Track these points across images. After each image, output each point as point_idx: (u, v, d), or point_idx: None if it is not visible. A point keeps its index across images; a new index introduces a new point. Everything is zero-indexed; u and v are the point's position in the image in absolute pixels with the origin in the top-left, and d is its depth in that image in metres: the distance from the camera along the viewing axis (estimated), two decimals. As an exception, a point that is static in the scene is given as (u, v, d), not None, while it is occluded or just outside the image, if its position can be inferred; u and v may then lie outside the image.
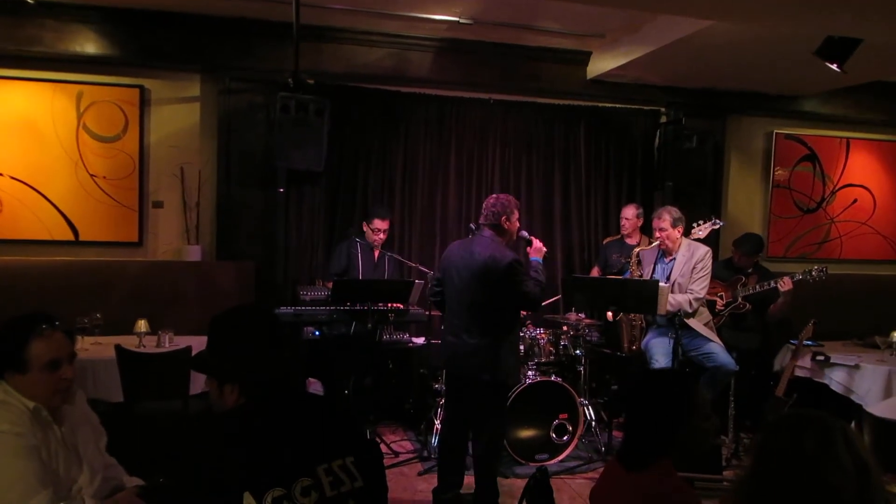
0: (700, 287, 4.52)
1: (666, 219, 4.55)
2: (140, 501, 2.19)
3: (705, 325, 4.66)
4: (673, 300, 4.43)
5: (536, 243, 3.93)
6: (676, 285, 4.51)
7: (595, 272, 5.74)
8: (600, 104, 6.17)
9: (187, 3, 5.01)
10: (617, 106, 6.21)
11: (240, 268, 5.42)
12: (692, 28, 4.54)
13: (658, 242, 4.66)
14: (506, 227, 3.81)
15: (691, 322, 4.54)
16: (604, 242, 5.95)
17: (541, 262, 3.87)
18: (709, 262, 4.57)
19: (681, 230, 4.61)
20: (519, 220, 3.94)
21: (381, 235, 5.15)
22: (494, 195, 3.94)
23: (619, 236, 5.75)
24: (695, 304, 4.51)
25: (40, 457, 1.96)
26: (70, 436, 2.12)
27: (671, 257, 4.60)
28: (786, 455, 1.46)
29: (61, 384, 2.08)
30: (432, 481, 4.12)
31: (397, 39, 5.50)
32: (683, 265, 4.53)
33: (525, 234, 3.99)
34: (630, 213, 5.59)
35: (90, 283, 5.07)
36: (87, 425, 2.25)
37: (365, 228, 5.22)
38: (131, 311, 4.67)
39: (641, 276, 4.74)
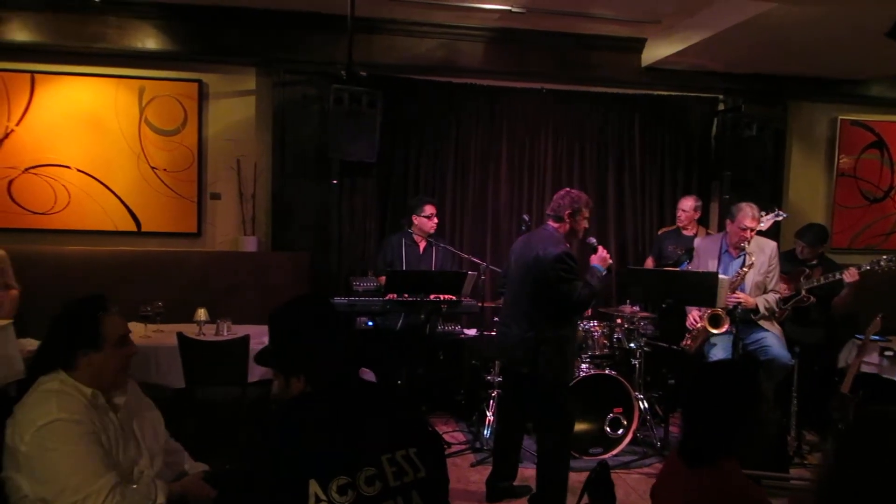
0: (778, 285, 4.51)
1: (757, 217, 4.41)
2: (206, 486, 2.23)
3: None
4: (766, 304, 4.41)
5: (602, 252, 3.79)
6: (754, 284, 4.40)
7: (649, 263, 5.63)
8: (655, 92, 6.04)
9: (244, -2, 5.11)
10: (673, 94, 6.07)
11: (294, 258, 5.51)
12: (753, 11, 4.39)
13: (726, 237, 4.55)
14: (569, 221, 3.71)
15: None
16: (659, 233, 5.83)
17: (602, 270, 3.72)
18: (778, 257, 4.50)
19: None
20: (588, 220, 3.81)
21: (435, 220, 5.14)
22: (567, 189, 3.87)
23: (675, 227, 5.62)
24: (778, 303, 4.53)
25: (100, 442, 1.98)
26: (127, 421, 2.15)
27: (739, 253, 4.46)
28: (871, 454, 1.39)
29: (128, 360, 2.13)
30: (485, 472, 4.12)
31: (449, 30, 5.49)
32: (758, 264, 4.41)
33: (593, 240, 3.87)
34: (688, 204, 5.46)
35: (152, 273, 5.23)
36: (143, 410, 2.28)
37: (416, 220, 5.19)
38: (190, 299, 4.78)
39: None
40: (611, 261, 3.83)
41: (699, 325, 4.46)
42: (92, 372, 2.05)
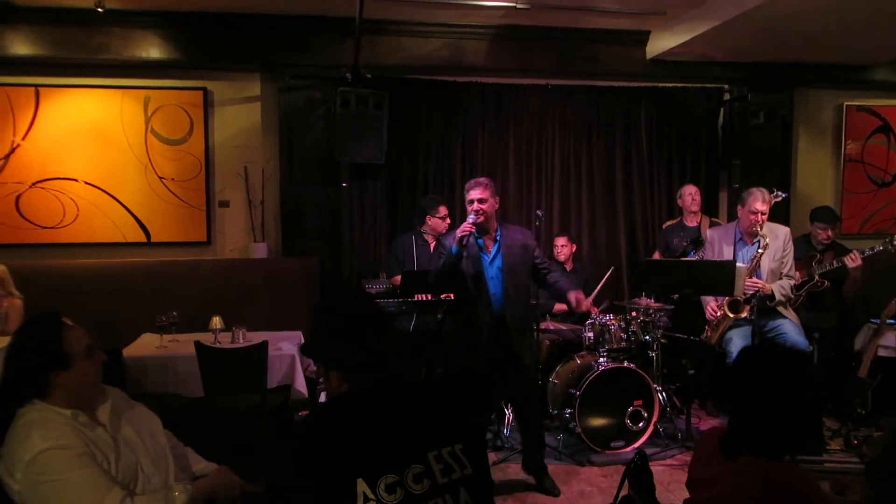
0: (793, 271, 4.47)
1: (767, 200, 4.39)
2: (235, 476, 2.18)
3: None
4: (782, 290, 4.37)
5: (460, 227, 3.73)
6: (769, 271, 4.37)
7: (656, 258, 5.63)
8: (661, 84, 6.03)
9: (247, 4, 5.08)
10: (678, 85, 6.05)
11: (305, 263, 5.49)
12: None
13: (738, 225, 4.54)
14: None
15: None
16: (663, 227, 5.82)
17: (455, 251, 3.68)
18: (792, 243, 4.46)
19: None
20: (472, 201, 3.74)
21: (448, 221, 5.14)
22: None
23: (678, 220, 5.63)
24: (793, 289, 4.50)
25: (95, 460, 1.92)
26: (117, 431, 2.09)
27: (753, 240, 4.44)
28: None
29: (100, 369, 2.07)
30: (507, 470, 4.14)
31: (453, 29, 5.48)
32: (772, 249, 4.39)
33: (469, 217, 3.76)
34: (693, 188, 5.51)
35: (163, 283, 5.21)
36: (134, 414, 2.20)
37: (429, 220, 5.17)
38: (203, 308, 4.76)
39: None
40: (461, 233, 3.66)
41: (719, 313, 4.44)
42: (68, 392, 1.98)
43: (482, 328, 3.81)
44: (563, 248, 5.49)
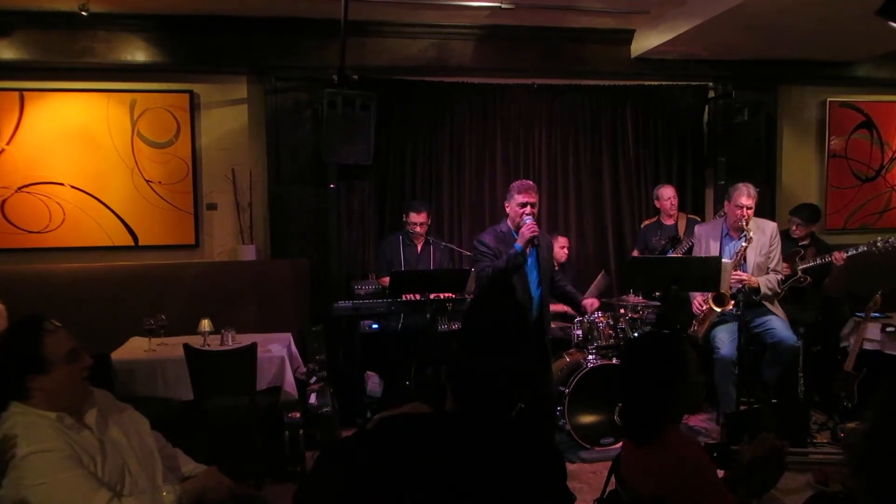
0: (780, 265, 4.51)
1: (753, 195, 4.44)
2: (224, 477, 2.20)
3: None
4: (769, 283, 4.40)
5: (523, 228, 3.83)
6: (755, 265, 4.42)
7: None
8: (646, 82, 6.06)
9: (232, 6, 5.07)
10: (663, 83, 6.09)
11: (294, 265, 5.49)
12: (741, -3, 4.42)
13: (725, 221, 4.58)
14: (506, 210, 3.96)
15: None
16: (642, 226, 5.85)
17: (518, 248, 3.79)
18: (779, 238, 4.51)
19: None
20: (526, 204, 3.88)
21: (419, 228, 5.16)
22: None
23: (656, 218, 5.67)
24: (780, 284, 4.51)
25: (81, 463, 1.92)
26: (104, 433, 2.09)
27: (740, 235, 4.48)
28: None
29: (84, 373, 2.07)
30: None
31: (438, 29, 5.48)
32: (758, 244, 4.43)
33: (526, 220, 3.87)
34: (671, 192, 5.53)
35: (152, 287, 5.18)
36: (122, 417, 2.22)
37: (406, 218, 5.25)
38: (192, 311, 4.75)
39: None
40: (529, 234, 3.80)
41: (704, 307, 4.48)
42: (49, 395, 1.98)
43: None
44: (562, 248, 5.44)
